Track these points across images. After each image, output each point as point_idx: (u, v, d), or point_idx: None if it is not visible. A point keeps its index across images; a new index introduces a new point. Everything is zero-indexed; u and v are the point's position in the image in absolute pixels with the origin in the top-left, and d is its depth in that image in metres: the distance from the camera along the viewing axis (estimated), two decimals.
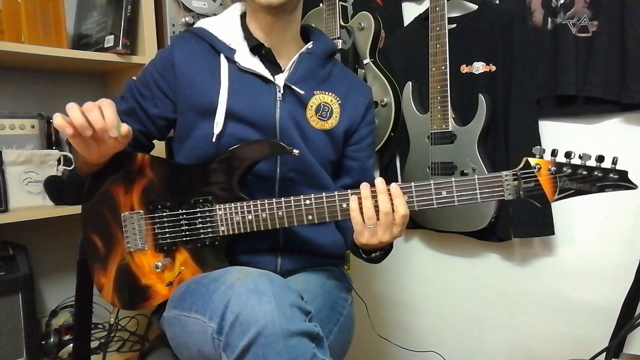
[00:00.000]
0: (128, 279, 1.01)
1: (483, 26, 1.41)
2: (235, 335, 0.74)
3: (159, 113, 1.07)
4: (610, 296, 1.32)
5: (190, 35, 1.08)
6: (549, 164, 0.84)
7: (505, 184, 0.85)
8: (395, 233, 0.89)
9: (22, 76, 1.53)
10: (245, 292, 0.77)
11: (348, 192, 0.90)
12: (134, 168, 1.02)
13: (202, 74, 1.03)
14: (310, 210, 0.92)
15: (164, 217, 0.99)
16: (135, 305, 1.02)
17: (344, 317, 1.03)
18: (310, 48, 1.08)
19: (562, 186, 0.83)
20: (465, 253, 1.62)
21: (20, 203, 1.34)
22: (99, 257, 1.04)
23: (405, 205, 0.87)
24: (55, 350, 1.40)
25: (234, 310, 0.75)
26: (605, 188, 0.82)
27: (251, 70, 1.02)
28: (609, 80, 1.25)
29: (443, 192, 0.88)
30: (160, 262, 0.98)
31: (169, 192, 1.00)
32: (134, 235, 1.00)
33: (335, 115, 1.08)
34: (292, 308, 0.76)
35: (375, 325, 1.44)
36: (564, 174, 0.83)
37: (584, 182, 0.83)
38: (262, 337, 0.72)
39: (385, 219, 0.87)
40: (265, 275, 0.81)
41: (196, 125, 1.03)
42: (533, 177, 0.85)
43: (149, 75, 1.07)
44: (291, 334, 0.73)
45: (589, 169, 0.82)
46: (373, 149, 1.19)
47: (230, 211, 0.95)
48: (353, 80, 1.16)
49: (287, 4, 1.01)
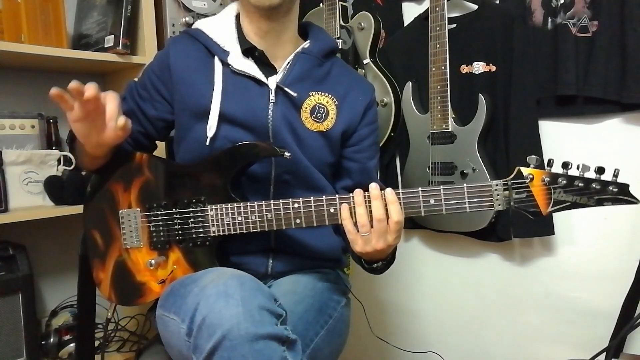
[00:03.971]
0: (124, 275, 1.03)
1: (483, 26, 1.41)
2: (202, 337, 0.74)
3: (157, 115, 1.08)
4: (610, 296, 1.32)
5: (186, 37, 1.09)
6: (543, 174, 0.80)
7: (495, 193, 0.83)
8: (390, 241, 0.86)
9: (22, 76, 1.53)
10: (214, 295, 0.76)
11: (336, 197, 0.89)
12: (133, 166, 1.03)
13: (196, 76, 1.03)
14: (298, 214, 0.91)
15: (159, 215, 1.01)
16: (130, 301, 1.04)
17: (334, 320, 1.01)
18: (306, 48, 1.06)
19: (556, 198, 0.80)
20: (465, 253, 1.62)
21: (20, 203, 1.34)
22: (98, 252, 1.06)
23: (399, 212, 0.85)
24: (55, 350, 1.41)
25: (202, 312, 0.75)
26: (604, 202, 0.78)
27: (244, 72, 1.02)
28: (609, 80, 1.25)
29: (431, 200, 0.85)
30: (154, 259, 0.99)
31: (165, 191, 1.01)
32: (131, 232, 1.02)
33: (331, 117, 1.06)
34: (261, 311, 0.75)
35: (374, 327, 1.44)
36: (559, 185, 0.80)
37: (581, 195, 0.79)
38: (228, 341, 0.72)
39: (379, 226, 0.85)
40: (237, 278, 0.80)
41: (191, 127, 1.04)
42: (525, 187, 0.81)
43: (147, 77, 1.08)
44: (257, 337, 0.72)
45: (587, 180, 0.78)
46: (375, 150, 1.15)
47: (221, 212, 0.96)
48: (353, 78, 1.13)
49: (281, 6, 0.99)
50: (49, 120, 1.49)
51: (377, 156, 1.16)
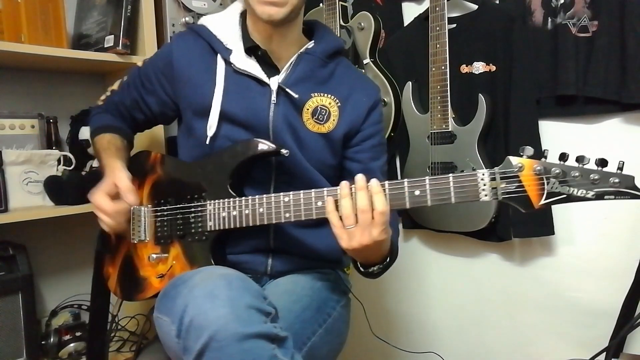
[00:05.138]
0: (130, 270, 1.06)
1: (483, 26, 1.41)
2: (191, 339, 0.75)
3: (161, 110, 1.11)
4: (610, 296, 1.32)
5: (190, 34, 1.09)
6: (535, 163, 0.73)
7: (481, 183, 0.76)
8: (375, 235, 0.82)
9: (22, 76, 1.53)
10: (201, 296, 0.77)
11: (324, 191, 0.88)
12: (147, 165, 1.09)
13: (199, 73, 1.04)
14: (288, 208, 0.91)
15: (165, 211, 1.03)
16: (132, 296, 1.06)
17: (332, 319, 1.01)
18: (310, 48, 1.06)
19: (550, 189, 0.72)
20: (465, 253, 1.62)
21: (20, 203, 1.34)
22: (110, 247, 1.10)
23: (384, 202, 0.81)
24: (55, 350, 1.40)
25: (190, 314, 0.76)
26: (605, 195, 0.69)
27: (246, 72, 1.02)
28: (609, 80, 1.25)
29: (416, 191, 0.81)
30: (155, 254, 1.02)
31: (172, 188, 1.05)
32: (139, 227, 1.05)
33: (333, 119, 1.05)
34: (249, 310, 0.76)
35: (373, 327, 1.44)
36: (553, 175, 0.72)
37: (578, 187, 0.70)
38: (215, 342, 0.72)
39: (363, 218, 0.82)
40: (225, 278, 0.80)
41: (194, 124, 1.05)
42: (514, 177, 0.74)
43: (151, 70, 1.10)
44: (245, 336, 0.73)
45: (585, 171, 0.70)
46: (380, 151, 1.13)
47: (218, 207, 0.97)
48: (357, 79, 1.12)
49: (288, 17, 0.98)
50: (49, 120, 1.49)
51: (382, 158, 1.13)
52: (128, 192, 0.96)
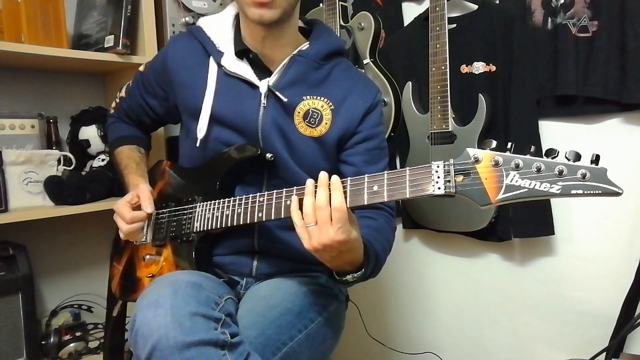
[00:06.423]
0: (129, 271, 1.09)
1: (483, 26, 1.41)
2: (139, 348, 0.76)
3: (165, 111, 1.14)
4: (610, 296, 1.32)
5: (186, 35, 1.09)
6: (494, 155, 0.67)
7: (435, 176, 0.72)
8: (332, 234, 0.77)
9: (22, 76, 1.53)
10: (145, 306, 0.78)
11: (293, 189, 0.85)
12: (159, 172, 1.15)
13: (193, 76, 1.04)
14: (261, 207, 0.90)
15: (165, 214, 1.06)
16: (127, 296, 1.09)
17: (316, 325, 0.97)
18: (303, 50, 1.03)
19: (509, 182, 0.66)
20: (465, 253, 1.62)
21: (20, 203, 1.34)
22: (118, 249, 1.13)
23: (341, 199, 0.77)
24: (55, 350, 1.41)
25: (137, 323, 0.77)
26: (572, 189, 0.62)
27: (237, 74, 1.01)
28: (609, 80, 1.25)
29: (375, 187, 0.77)
30: (149, 255, 1.05)
31: (174, 192, 1.09)
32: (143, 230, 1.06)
33: (326, 122, 1.02)
34: (193, 318, 0.75)
35: (369, 328, 1.43)
36: (512, 167, 0.66)
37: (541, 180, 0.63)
38: (158, 351, 0.73)
39: (320, 215, 0.78)
40: (171, 286, 0.80)
41: (190, 126, 1.06)
42: (471, 169, 0.69)
43: (151, 75, 1.12)
44: (187, 345, 0.73)
45: (550, 163, 0.64)
46: (377, 155, 1.07)
47: (205, 209, 0.99)
48: (356, 82, 1.07)
49: (280, 18, 0.95)
50: (49, 120, 1.49)
51: (380, 163, 1.08)
52: (146, 201, 1.01)
